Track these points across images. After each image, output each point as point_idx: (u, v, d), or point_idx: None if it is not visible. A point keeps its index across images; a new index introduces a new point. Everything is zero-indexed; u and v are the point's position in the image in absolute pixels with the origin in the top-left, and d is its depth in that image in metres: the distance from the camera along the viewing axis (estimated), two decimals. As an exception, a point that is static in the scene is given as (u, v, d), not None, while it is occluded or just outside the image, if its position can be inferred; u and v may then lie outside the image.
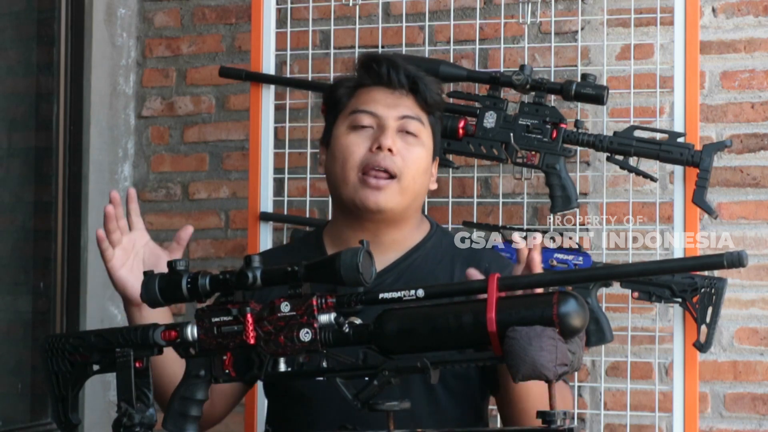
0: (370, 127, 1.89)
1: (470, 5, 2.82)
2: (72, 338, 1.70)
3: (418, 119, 1.91)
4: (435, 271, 1.91)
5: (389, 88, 1.91)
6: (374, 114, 1.89)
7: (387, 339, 1.53)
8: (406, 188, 1.87)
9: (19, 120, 3.08)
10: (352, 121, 1.91)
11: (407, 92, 1.91)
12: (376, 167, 1.85)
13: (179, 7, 3.21)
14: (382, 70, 1.90)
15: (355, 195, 1.87)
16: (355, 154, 1.88)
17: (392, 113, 1.89)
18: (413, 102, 1.92)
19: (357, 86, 1.94)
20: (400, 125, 1.89)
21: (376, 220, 1.89)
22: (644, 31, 2.69)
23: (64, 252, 3.04)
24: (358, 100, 1.92)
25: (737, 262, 1.40)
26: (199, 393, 1.63)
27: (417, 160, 1.89)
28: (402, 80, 1.90)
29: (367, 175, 1.86)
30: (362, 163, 1.87)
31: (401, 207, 1.89)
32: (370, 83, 1.92)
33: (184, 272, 1.60)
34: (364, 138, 1.89)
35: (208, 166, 3.15)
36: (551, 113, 2.40)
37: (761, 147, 2.68)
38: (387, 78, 1.90)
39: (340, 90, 1.95)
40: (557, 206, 2.40)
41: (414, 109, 1.91)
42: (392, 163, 1.86)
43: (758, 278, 2.67)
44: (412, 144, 1.89)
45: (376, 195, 1.86)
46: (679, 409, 2.34)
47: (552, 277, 1.54)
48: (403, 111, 1.90)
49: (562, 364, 1.43)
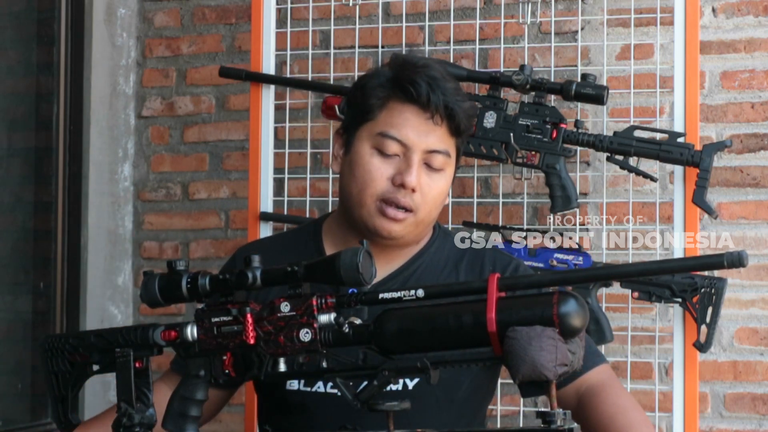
0: (396, 155, 1.82)
1: (470, 5, 2.82)
2: (72, 338, 1.70)
3: (446, 153, 1.84)
4: (439, 277, 1.89)
5: (424, 112, 1.81)
6: (403, 143, 1.81)
7: (387, 339, 1.53)
8: (422, 221, 1.85)
9: (19, 120, 3.08)
10: (380, 143, 1.82)
11: (442, 120, 1.82)
12: (397, 204, 1.81)
13: (179, 7, 3.21)
14: (422, 92, 1.80)
15: (369, 220, 1.83)
16: (377, 182, 1.81)
17: (422, 144, 1.81)
18: (445, 131, 1.83)
19: (390, 98, 1.83)
20: (427, 158, 1.82)
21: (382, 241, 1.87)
22: (644, 31, 2.69)
23: (64, 252, 3.04)
24: (390, 119, 1.82)
25: (737, 262, 1.40)
26: (199, 393, 1.63)
27: (438, 196, 1.85)
28: (440, 107, 1.81)
29: (386, 205, 1.81)
30: (382, 194, 1.81)
31: (413, 235, 1.87)
32: (404, 99, 1.82)
33: (184, 272, 1.60)
34: (389, 166, 1.82)
35: (208, 166, 3.15)
36: (551, 113, 2.40)
37: (761, 147, 2.68)
38: (426, 103, 1.80)
39: (372, 99, 1.84)
40: (557, 206, 2.40)
41: (444, 141, 1.84)
42: (411, 201, 1.81)
43: (758, 278, 2.67)
44: (435, 179, 1.84)
45: (392, 225, 1.82)
46: (679, 409, 2.34)
47: (552, 277, 1.53)
48: (432, 144, 1.82)
49: (562, 364, 1.43)
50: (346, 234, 1.90)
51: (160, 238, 3.19)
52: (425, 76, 1.81)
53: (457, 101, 1.82)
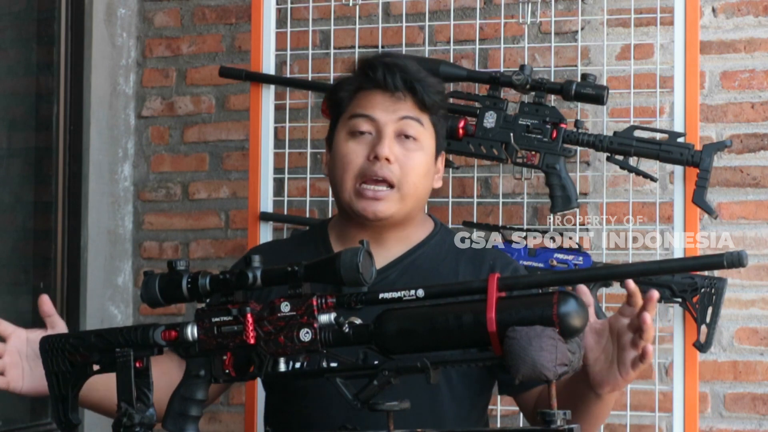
0: (368, 132, 1.88)
1: (470, 5, 2.82)
2: (72, 338, 1.70)
3: (417, 120, 1.89)
4: (439, 267, 1.91)
5: (387, 92, 1.89)
6: (372, 118, 1.88)
7: (387, 339, 1.52)
8: (406, 195, 1.87)
9: (19, 120, 3.08)
10: (352, 126, 1.89)
11: (405, 94, 1.89)
12: (374, 177, 1.85)
13: (179, 7, 3.21)
14: (378, 74, 1.88)
15: (353, 203, 1.88)
16: (353, 163, 1.87)
17: (390, 117, 1.88)
18: (412, 104, 1.90)
19: (357, 89, 1.92)
20: (399, 128, 1.88)
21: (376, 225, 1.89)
22: (644, 31, 2.69)
23: (64, 252, 3.04)
24: (358, 104, 1.91)
25: (737, 262, 1.40)
26: (199, 393, 1.63)
27: (416, 167, 1.88)
28: (398, 83, 1.88)
29: (365, 184, 1.86)
30: (360, 172, 1.86)
31: (402, 213, 1.89)
32: (370, 86, 1.90)
33: (184, 272, 1.60)
34: (363, 145, 1.88)
35: (208, 166, 3.15)
36: (551, 113, 2.40)
37: (761, 147, 2.68)
38: (383, 81, 1.88)
39: (342, 92, 1.94)
40: (557, 206, 2.40)
41: (413, 111, 1.90)
42: (390, 172, 1.85)
43: (758, 278, 2.67)
44: (412, 150, 1.88)
45: (374, 205, 1.86)
46: (679, 409, 2.35)
47: (552, 277, 1.53)
48: (402, 112, 1.88)
49: (562, 364, 1.43)
50: (349, 229, 1.93)
51: (160, 238, 3.19)
52: (382, 61, 1.91)
53: (417, 77, 1.89)
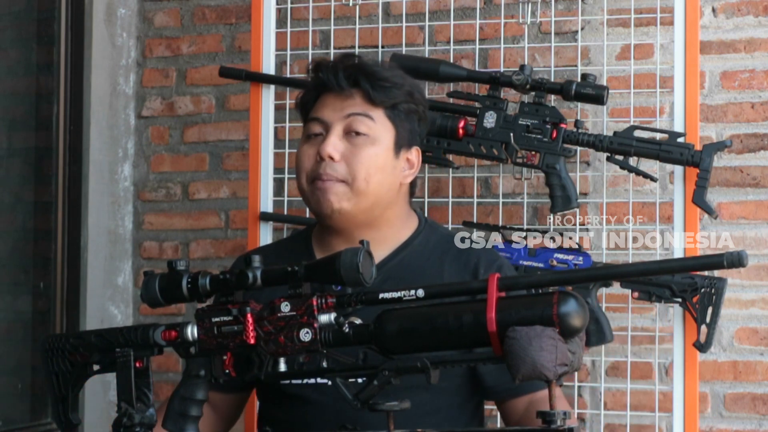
0: (320, 134, 1.90)
1: (470, 5, 2.82)
2: (72, 338, 1.70)
3: (365, 115, 1.88)
4: (424, 268, 1.89)
5: (337, 91, 1.90)
6: (321, 120, 1.90)
7: (387, 339, 1.53)
8: (360, 191, 1.86)
9: (19, 120, 3.08)
10: (307, 130, 1.93)
11: (353, 92, 1.89)
12: (322, 177, 1.86)
13: (179, 7, 3.21)
14: (323, 76, 1.91)
15: (311, 203, 1.90)
16: (305, 165, 1.90)
17: (337, 115, 1.89)
18: (361, 100, 1.90)
19: (316, 94, 1.95)
20: (346, 126, 1.88)
21: (342, 223, 1.88)
22: (644, 31, 2.69)
23: (64, 252, 3.04)
24: (314, 108, 1.94)
25: (737, 262, 1.40)
26: (199, 393, 1.64)
27: (365, 161, 1.86)
28: (342, 82, 1.89)
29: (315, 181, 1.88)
30: (311, 174, 1.89)
31: (360, 208, 1.87)
32: (323, 90, 1.93)
33: (185, 272, 1.60)
34: (314, 146, 1.90)
35: (208, 166, 3.15)
36: (551, 113, 2.40)
37: (761, 147, 2.68)
38: (329, 82, 1.90)
39: (305, 98, 1.97)
40: (557, 206, 2.40)
41: (362, 107, 1.89)
42: (334, 171, 1.85)
43: (758, 278, 2.67)
44: (360, 145, 1.87)
45: (326, 196, 1.86)
46: (679, 409, 2.34)
47: (552, 277, 1.54)
48: (349, 109, 1.89)
49: (562, 364, 1.44)
50: (326, 236, 1.94)
51: (160, 238, 3.19)
52: (325, 65, 1.93)
53: (366, 72, 1.89)
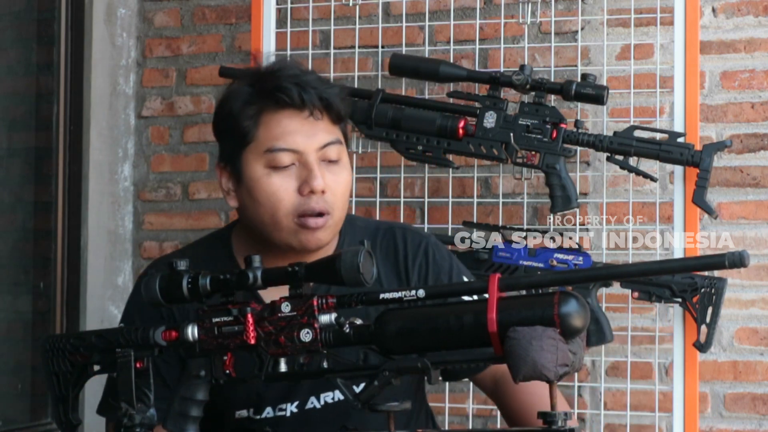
0: (291, 164, 1.78)
1: (470, 5, 2.82)
2: (72, 338, 1.70)
3: (337, 142, 1.81)
4: None
5: (300, 111, 1.77)
6: (294, 150, 1.77)
7: (388, 339, 1.53)
8: (339, 219, 1.82)
9: (19, 120, 3.08)
10: (271, 161, 1.77)
11: (321, 113, 1.78)
12: (312, 213, 1.77)
13: (179, 7, 3.21)
14: (293, 94, 1.76)
15: (292, 239, 1.79)
16: (285, 200, 1.76)
17: (312, 144, 1.78)
18: (328, 122, 1.80)
19: (260, 112, 1.78)
20: (322, 155, 1.79)
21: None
22: (644, 31, 2.69)
23: (64, 252, 3.04)
24: (270, 133, 1.77)
25: (739, 262, 1.40)
26: (200, 393, 1.63)
27: (344, 188, 1.82)
28: (314, 101, 1.77)
29: (305, 218, 1.77)
30: (296, 208, 1.77)
31: (332, 236, 1.84)
32: (276, 107, 1.77)
33: (185, 272, 1.60)
34: (290, 179, 1.77)
35: (208, 166, 3.15)
36: (551, 113, 2.40)
37: (761, 147, 2.68)
38: (300, 101, 1.76)
39: (244, 121, 1.78)
40: (557, 206, 2.40)
41: (332, 132, 1.80)
42: (325, 203, 1.78)
43: (758, 278, 2.67)
44: (337, 172, 1.80)
45: (316, 234, 1.78)
46: (679, 409, 2.35)
47: (552, 277, 1.53)
48: (322, 139, 1.79)
49: (563, 365, 1.43)
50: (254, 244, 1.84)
51: (160, 238, 3.19)
52: (288, 77, 1.78)
53: (327, 90, 1.79)
